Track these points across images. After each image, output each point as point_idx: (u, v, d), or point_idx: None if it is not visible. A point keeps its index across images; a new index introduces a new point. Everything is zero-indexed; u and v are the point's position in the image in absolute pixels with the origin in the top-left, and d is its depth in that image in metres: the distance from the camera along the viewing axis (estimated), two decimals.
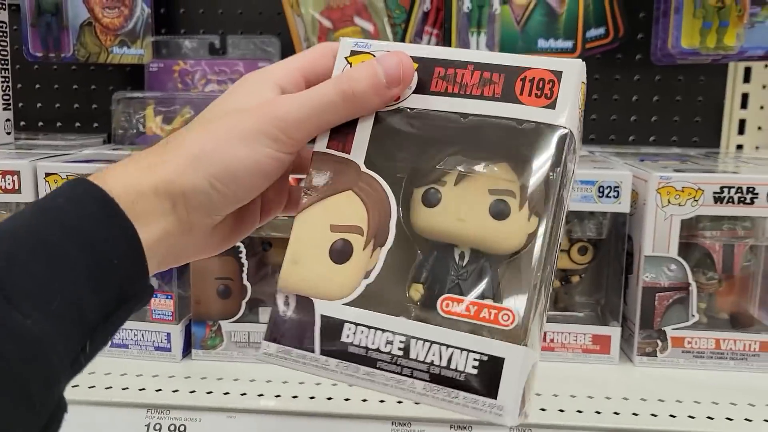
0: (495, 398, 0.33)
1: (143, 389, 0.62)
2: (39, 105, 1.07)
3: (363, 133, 0.38)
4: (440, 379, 0.34)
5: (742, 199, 0.65)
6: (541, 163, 0.36)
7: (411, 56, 0.38)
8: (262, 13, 1.03)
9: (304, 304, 0.37)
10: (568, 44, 0.86)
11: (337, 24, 0.92)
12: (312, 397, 0.61)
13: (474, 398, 0.34)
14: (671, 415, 0.58)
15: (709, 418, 0.58)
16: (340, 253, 0.38)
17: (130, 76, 1.03)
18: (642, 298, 0.67)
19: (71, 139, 0.94)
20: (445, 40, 0.88)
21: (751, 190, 0.65)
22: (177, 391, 0.62)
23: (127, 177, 0.35)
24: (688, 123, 1.01)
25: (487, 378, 0.33)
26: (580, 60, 0.37)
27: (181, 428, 0.59)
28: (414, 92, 0.38)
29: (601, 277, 0.73)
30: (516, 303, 0.34)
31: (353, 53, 0.40)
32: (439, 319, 0.35)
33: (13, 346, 0.28)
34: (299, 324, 0.37)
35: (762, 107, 0.99)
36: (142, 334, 0.68)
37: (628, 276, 0.70)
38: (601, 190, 0.66)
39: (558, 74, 0.37)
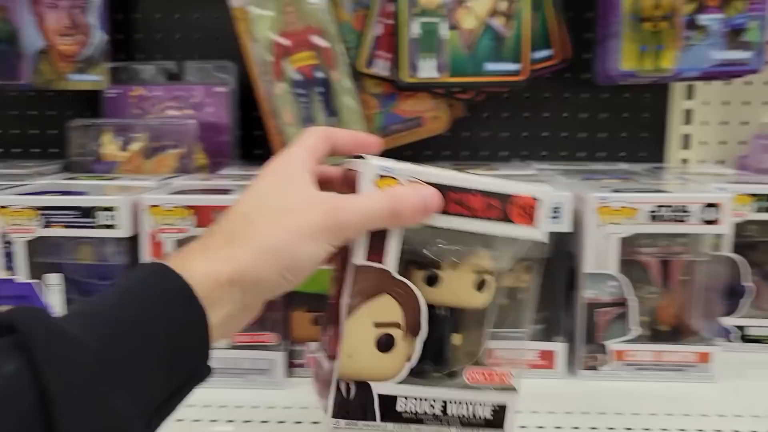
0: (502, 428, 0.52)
1: None
2: None
3: (394, 246, 0.48)
4: (470, 423, 0.51)
5: (676, 217, 0.68)
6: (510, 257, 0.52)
7: (431, 182, 0.48)
8: (218, 38, 1.04)
9: (363, 387, 0.50)
10: (516, 67, 0.89)
11: (292, 49, 0.94)
12: (264, 421, 0.62)
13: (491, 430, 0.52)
14: (610, 428, 0.61)
15: (645, 429, 0.61)
16: (385, 345, 0.49)
17: (88, 102, 1.04)
18: (584, 314, 0.70)
19: (29, 166, 0.94)
20: (396, 64, 0.90)
21: (684, 208, 0.68)
22: None
23: (206, 266, 0.40)
24: (634, 139, 1.05)
25: (500, 418, 0.52)
26: (550, 187, 0.51)
27: None
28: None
29: (547, 295, 0.75)
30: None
31: (380, 177, 0.47)
32: (464, 384, 0.52)
33: (101, 419, 0.33)
34: (361, 402, 0.49)
35: (704, 122, 1.03)
36: None
37: (572, 292, 0.72)
38: None
39: (539, 201, 0.51)
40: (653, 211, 0.68)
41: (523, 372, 0.55)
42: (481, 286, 0.53)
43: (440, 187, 0.48)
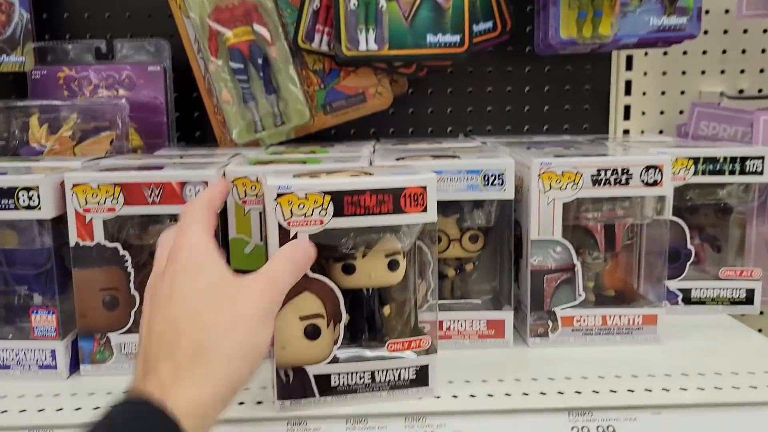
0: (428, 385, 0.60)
1: (24, 411, 0.59)
2: None
3: None
4: (397, 385, 0.59)
5: (618, 180, 0.68)
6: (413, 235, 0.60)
7: (325, 191, 0.55)
8: (151, 15, 1.00)
9: (299, 371, 0.57)
10: (456, 38, 0.87)
11: (227, 25, 0.91)
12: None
13: (417, 389, 0.60)
14: (559, 392, 0.60)
15: (594, 392, 0.60)
16: (312, 334, 0.57)
17: (14, 84, 0.98)
18: (531, 281, 0.69)
19: None
20: (335, 38, 0.88)
21: (625, 171, 0.68)
22: (61, 409, 0.59)
23: (186, 391, 0.42)
24: (577, 111, 1.05)
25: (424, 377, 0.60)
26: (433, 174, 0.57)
27: None
28: (333, 216, 0.55)
29: (494, 264, 0.74)
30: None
31: (279, 195, 0.54)
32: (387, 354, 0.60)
33: None
34: (300, 384, 0.57)
35: (644, 93, 1.04)
36: (24, 353, 0.65)
37: (519, 260, 0.72)
38: (486, 178, 0.68)
39: (424, 188, 0.56)
40: (595, 175, 0.68)
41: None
42: (393, 265, 0.60)
43: (335, 194, 0.55)
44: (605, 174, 0.68)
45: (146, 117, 0.95)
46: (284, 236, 0.55)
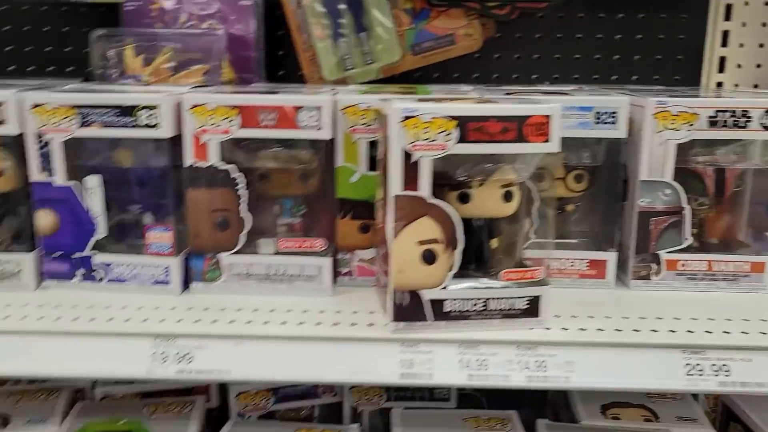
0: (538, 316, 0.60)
1: (146, 320, 0.61)
2: (9, 48, 1.03)
3: (426, 175, 0.56)
4: (509, 315, 0.60)
5: (737, 122, 0.66)
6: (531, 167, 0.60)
7: (452, 116, 0.55)
8: None
9: (414, 295, 0.58)
10: None
11: None
12: (318, 323, 0.61)
13: (527, 320, 0.60)
14: (671, 330, 0.60)
15: (707, 332, 0.60)
16: (429, 259, 0.58)
17: (105, 16, 0.99)
18: (637, 223, 0.68)
19: (47, 85, 0.90)
20: None
21: (745, 113, 0.66)
22: (181, 320, 0.61)
23: None
24: (669, 61, 1.02)
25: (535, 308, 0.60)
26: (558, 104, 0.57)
27: (189, 356, 0.58)
28: (457, 142, 0.55)
29: (596, 205, 0.74)
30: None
31: (405, 118, 0.55)
32: (502, 283, 0.60)
33: None
34: (414, 307, 0.58)
35: (742, 45, 1.00)
36: (140, 268, 0.67)
37: (623, 203, 0.71)
38: (599, 116, 0.67)
39: (549, 117, 0.56)
40: (713, 117, 0.66)
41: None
42: (508, 197, 0.60)
43: (461, 119, 0.55)
44: (723, 116, 0.66)
45: (236, 51, 0.95)
46: (407, 161, 0.55)
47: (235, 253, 0.67)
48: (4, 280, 0.67)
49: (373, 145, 0.68)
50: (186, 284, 0.68)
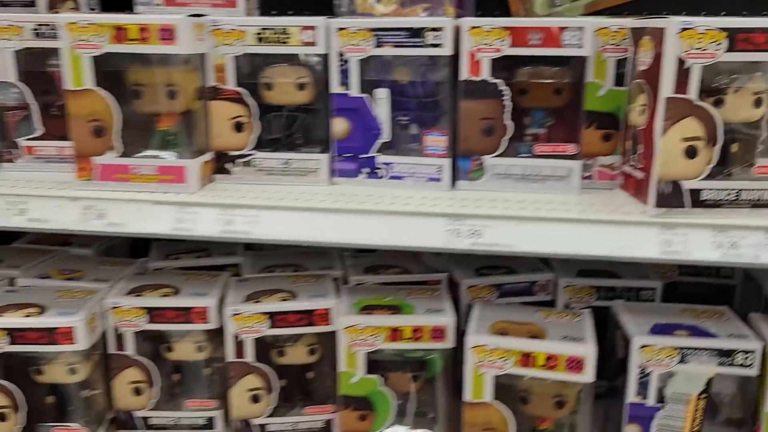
0: None
1: (436, 203, 0.74)
2: None
3: (695, 80, 0.65)
4: (760, 204, 0.69)
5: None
6: None
7: (722, 27, 0.63)
8: None
9: (675, 185, 0.68)
10: None
11: None
12: (583, 210, 0.72)
13: None
14: None
15: None
16: (691, 153, 0.68)
17: None
18: None
19: None
20: None
21: None
22: (464, 206, 0.73)
23: None
24: None
25: None
26: None
27: (478, 233, 0.71)
28: (726, 51, 0.64)
29: None
30: None
31: (683, 30, 0.64)
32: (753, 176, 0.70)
33: None
34: (675, 195, 0.68)
35: None
36: (417, 167, 0.80)
37: None
38: None
39: None
40: None
41: None
42: (758, 103, 0.69)
43: (730, 30, 0.63)
44: None
45: None
46: (680, 67, 0.65)
47: (498, 155, 0.78)
48: (303, 176, 0.82)
49: (620, 63, 0.77)
50: (452, 182, 0.80)
